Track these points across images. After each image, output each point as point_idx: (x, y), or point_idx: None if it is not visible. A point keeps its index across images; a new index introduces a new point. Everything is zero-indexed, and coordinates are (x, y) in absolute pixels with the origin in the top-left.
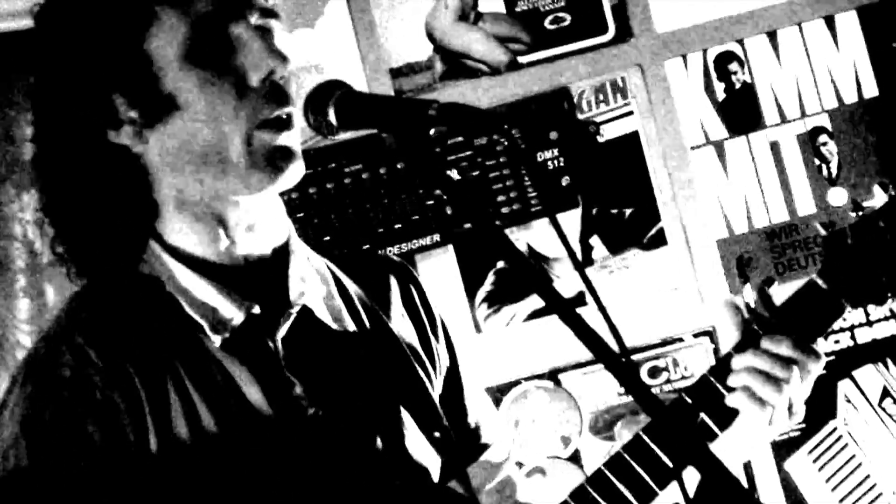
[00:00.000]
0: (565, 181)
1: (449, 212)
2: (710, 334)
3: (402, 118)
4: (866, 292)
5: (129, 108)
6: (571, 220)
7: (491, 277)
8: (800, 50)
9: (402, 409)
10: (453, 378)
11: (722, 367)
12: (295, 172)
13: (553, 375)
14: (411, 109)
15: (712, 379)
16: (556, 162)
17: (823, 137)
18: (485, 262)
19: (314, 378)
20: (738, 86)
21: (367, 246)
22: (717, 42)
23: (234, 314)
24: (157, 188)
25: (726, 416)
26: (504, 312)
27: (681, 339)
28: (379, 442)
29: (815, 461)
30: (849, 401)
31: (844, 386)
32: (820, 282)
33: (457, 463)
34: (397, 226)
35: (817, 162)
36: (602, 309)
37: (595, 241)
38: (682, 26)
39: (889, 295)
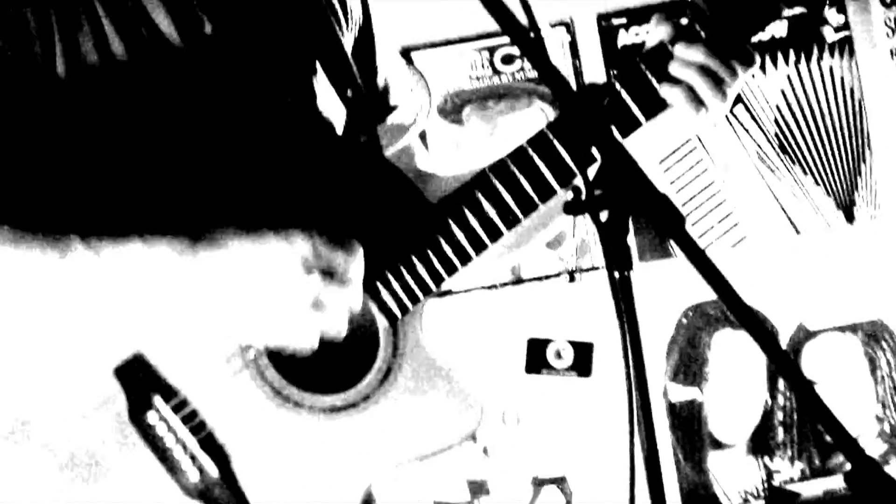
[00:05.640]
0: None
1: None
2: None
3: None
4: None
5: None
6: None
7: None
8: None
9: (316, 65)
10: (366, 33)
11: (656, 56)
12: None
13: (405, 54)
14: None
15: (643, 67)
16: None
17: None
18: None
19: (227, 20)
20: None
21: None
22: None
23: None
24: None
25: (654, 107)
26: None
27: None
28: (289, 98)
29: (660, 162)
30: None
31: None
32: None
33: (366, 121)
34: None
35: None
36: None
37: None
38: None
39: None
